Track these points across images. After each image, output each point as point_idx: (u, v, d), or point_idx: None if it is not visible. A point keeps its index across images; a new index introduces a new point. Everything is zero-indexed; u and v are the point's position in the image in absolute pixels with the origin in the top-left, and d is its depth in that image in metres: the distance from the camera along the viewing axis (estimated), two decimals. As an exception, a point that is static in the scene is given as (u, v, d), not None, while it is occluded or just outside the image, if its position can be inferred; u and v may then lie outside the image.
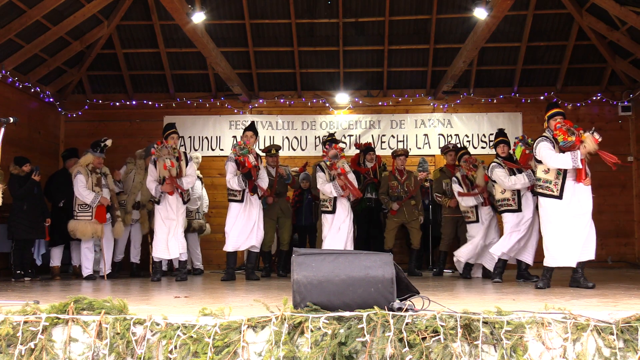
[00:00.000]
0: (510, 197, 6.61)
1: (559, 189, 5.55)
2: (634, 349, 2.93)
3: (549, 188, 5.61)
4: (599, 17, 8.98)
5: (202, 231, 8.83)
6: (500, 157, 6.79)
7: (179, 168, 7.14)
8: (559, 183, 5.56)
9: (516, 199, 6.59)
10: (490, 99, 10.18)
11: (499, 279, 6.56)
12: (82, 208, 7.36)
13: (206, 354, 2.93)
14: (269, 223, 7.99)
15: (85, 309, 3.19)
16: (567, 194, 5.53)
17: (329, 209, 7.30)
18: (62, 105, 10.21)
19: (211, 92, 10.44)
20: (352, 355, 2.92)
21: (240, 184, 7.01)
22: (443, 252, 8.20)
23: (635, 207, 9.89)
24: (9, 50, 8.38)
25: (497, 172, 6.64)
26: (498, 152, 6.87)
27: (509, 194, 6.62)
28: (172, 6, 7.23)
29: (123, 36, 9.86)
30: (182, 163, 7.20)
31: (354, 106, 10.34)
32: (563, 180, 5.55)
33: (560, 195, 5.54)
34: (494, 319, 2.98)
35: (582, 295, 4.68)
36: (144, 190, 8.07)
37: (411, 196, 8.20)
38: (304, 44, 9.95)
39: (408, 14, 9.56)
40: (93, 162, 7.50)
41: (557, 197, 5.55)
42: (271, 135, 10.22)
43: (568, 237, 5.46)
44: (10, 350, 3.08)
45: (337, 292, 3.09)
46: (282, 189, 8.15)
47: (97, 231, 7.37)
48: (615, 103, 10.00)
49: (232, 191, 7.12)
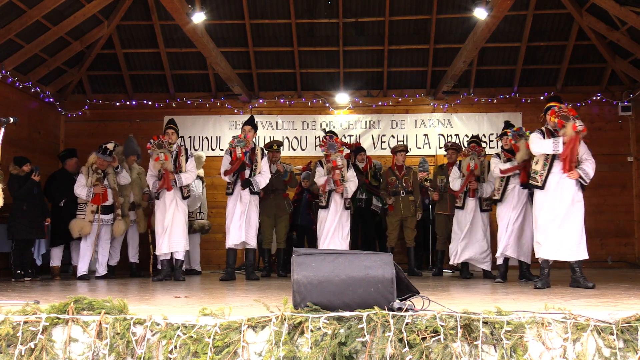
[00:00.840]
0: (497, 187, 6.76)
1: (542, 180, 5.61)
2: (634, 349, 2.93)
3: (535, 179, 5.71)
4: (599, 17, 8.98)
5: (204, 231, 8.81)
6: (503, 149, 6.86)
7: (179, 164, 7.15)
8: (544, 174, 5.63)
9: (501, 190, 6.67)
10: (490, 99, 10.18)
11: (500, 279, 6.57)
12: (81, 207, 7.45)
13: (206, 354, 2.93)
14: (266, 220, 7.99)
15: (85, 309, 3.19)
16: (550, 185, 5.57)
17: (323, 204, 7.35)
18: (62, 105, 10.21)
19: (211, 92, 10.44)
20: (352, 355, 2.92)
21: (230, 177, 7.09)
22: (440, 251, 8.24)
23: (635, 207, 9.89)
24: (9, 50, 8.38)
25: (492, 160, 6.79)
26: (502, 143, 6.99)
27: (497, 184, 6.76)
28: (172, 6, 7.23)
29: (123, 36, 9.86)
30: (182, 159, 7.20)
31: (354, 106, 10.34)
32: (548, 171, 5.60)
33: (542, 186, 5.60)
34: (494, 319, 2.98)
35: (582, 295, 4.68)
36: (136, 190, 8.09)
37: (409, 192, 8.21)
38: (304, 44, 9.95)
39: (408, 14, 9.56)
40: (96, 162, 7.52)
41: (540, 187, 5.62)
42: (271, 135, 10.22)
43: (554, 230, 5.48)
44: (10, 350, 3.08)
45: (337, 292, 3.09)
46: (278, 186, 8.12)
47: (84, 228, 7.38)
48: (615, 103, 10.00)
49: (228, 184, 7.20)
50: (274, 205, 8.06)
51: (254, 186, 7.14)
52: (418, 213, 8.40)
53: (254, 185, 7.14)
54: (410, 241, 8.26)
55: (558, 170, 5.57)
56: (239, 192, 7.10)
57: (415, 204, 8.30)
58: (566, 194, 5.51)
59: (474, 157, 7.38)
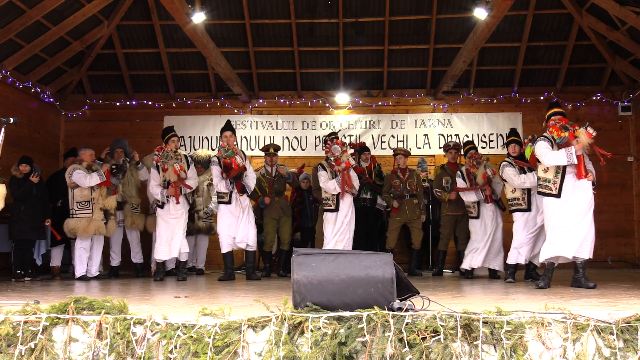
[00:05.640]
0: (520, 196, 6.68)
1: (557, 188, 5.57)
2: (634, 349, 2.93)
3: (548, 187, 5.64)
4: (599, 17, 8.98)
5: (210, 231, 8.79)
6: (512, 157, 6.84)
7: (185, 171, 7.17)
8: (557, 182, 5.58)
9: (526, 198, 6.65)
10: (490, 99, 10.18)
11: (511, 279, 6.57)
12: (81, 206, 7.30)
13: (206, 354, 2.93)
14: (270, 223, 7.99)
15: (85, 309, 3.19)
16: (566, 192, 5.54)
17: (332, 207, 7.32)
18: (62, 105, 10.21)
19: (211, 92, 10.44)
20: (352, 355, 2.92)
21: (227, 187, 7.03)
22: (442, 251, 8.20)
23: (635, 207, 9.89)
24: (9, 50, 8.38)
25: (507, 170, 6.71)
26: (509, 151, 6.95)
27: (519, 193, 6.68)
28: (172, 6, 7.23)
29: (123, 36, 9.86)
30: (184, 165, 7.21)
31: (354, 106, 10.34)
32: (562, 178, 5.57)
33: (558, 194, 5.56)
34: (494, 319, 2.98)
35: (582, 295, 4.68)
36: (123, 187, 8.02)
37: (414, 195, 8.20)
38: (304, 44, 9.95)
39: (408, 14, 9.56)
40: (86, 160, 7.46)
41: (555, 195, 5.57)
42: (271, 135, 10.22)
43: (567, 232, 5.46)
44: (10, 350, 3.08)
45: (337, 292, 3.09)
46: (281, 188, 8.13)
47: (100, 228, 7.35)
48: (615, 103, 10.00)
49: (220, 193, 7.14)
50: (278, 207, 8.05)
51: (248, 190, 7.15)
52: (422, 215, 8.41)
53: (247, 189, 7.15)
54: (417, 243, 8.24)
55: (572, 176, 5.55)
56: (237, 199, 7.09)
57: (420, 206, 8.30)
58: (583, 198, 5.50)
59: (486, 164, 7.41)
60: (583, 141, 5.47)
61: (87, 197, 7.32)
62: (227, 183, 7.01)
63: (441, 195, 8.10)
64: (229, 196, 7.08)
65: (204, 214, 8.55)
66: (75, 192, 7.35)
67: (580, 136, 5.48)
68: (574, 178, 5.55)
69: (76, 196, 7.34)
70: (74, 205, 7.33)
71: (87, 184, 7.23)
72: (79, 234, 7.28)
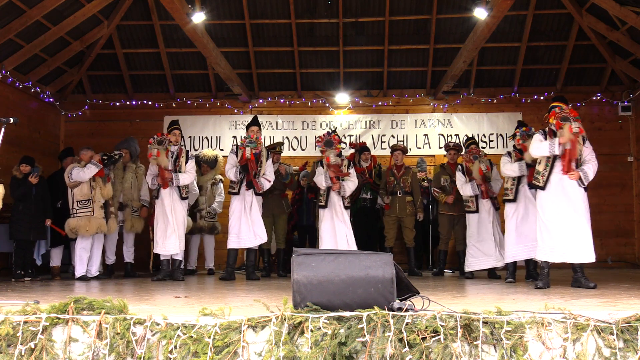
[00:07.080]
0: (509, 187, 6.73)
1: (544, 180, 5.62)
2: (634, 349, 2.93)
3: (537, 179, 5.71)
4: (599, 17, 8.98)
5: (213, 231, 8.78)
6: (516, 148, 6.85)
7: (179, 165, 7.16)
8: (545, 174, 5.64)
9: (514, 189, 6.66)
10: (490, 99, 10.18)
11: (511, 278, 6.57)
12: (82, 204, 7.27)
13: (206, 354, 2.93)
14: (266, 220, 7.99)
15: (85, 309, 3.19)
16: (552, 186, 5.57)
17: (323, 204, 7.35)
18: (62, 105, 10.21)
19: (211, 92, 10.44)
20: (352, 355, 2.92)
21: (236, 175, 7.06)
22: (443, 251, 8.19)
23: (635, 207, 9.89)
24: (9, 50, 8.38)
25: (502, 160, 6.78)
26: (515, 143, 6.95)
27: (509, 184, 6.73)
28: (172, 6, 7.23)
29: (123, 36, 9.86)
30: (182, 160, 7.21)
31: (354, 106, 10.34)
32: (549, 172, 5.61)
33: (543, 187, 5.60)
34: (494, 319, 2.98)
35: (582, 295, 4.68)
36: (125, 190, 8.05)
37: (407, 192, 8.19)
38: (304, 44, 9.95)
39: (408, 14, 9.56)
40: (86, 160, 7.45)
41: (541, 188, 5.64)
42: (271, 135, 10.21)
43: (557, 232, 5.46)
44: (10, 350, 3.07)
45: (337, 292, 3.09)
46: (277, 186, 8.10)
47: (102, 226, 7.35)
48: (615, 103, 10.00)
49: (231, 184, 7.17)
50: (273, 205, 8.05)
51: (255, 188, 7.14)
52: (419, 214, 8.40)
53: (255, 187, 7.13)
54: (409, 241, 8.25)
55: (559, 170, 5.57)
56: (244, 192, 7.11)
57: (415, 204, 8.29)
58: (574, 196, 5.49)
59: (482, 160, 7.40)
60: (565, 134, 5.48)
61: (87, 195, 7.30)
62: (236, 171, 7.03)
63: (439, 195, 8.10)
64: (238, 187, 7.10)
65: (207, 213, 8.56)
66: (75, 191, 7.32)
67: (564, 129, 5.49)
68: (561, 172, 5.56)
69: (76, 195, 7.32)
70: (74, 205, 7.31)
71: (87, 176, 7.24)
72: (81, 233, 7.24)
